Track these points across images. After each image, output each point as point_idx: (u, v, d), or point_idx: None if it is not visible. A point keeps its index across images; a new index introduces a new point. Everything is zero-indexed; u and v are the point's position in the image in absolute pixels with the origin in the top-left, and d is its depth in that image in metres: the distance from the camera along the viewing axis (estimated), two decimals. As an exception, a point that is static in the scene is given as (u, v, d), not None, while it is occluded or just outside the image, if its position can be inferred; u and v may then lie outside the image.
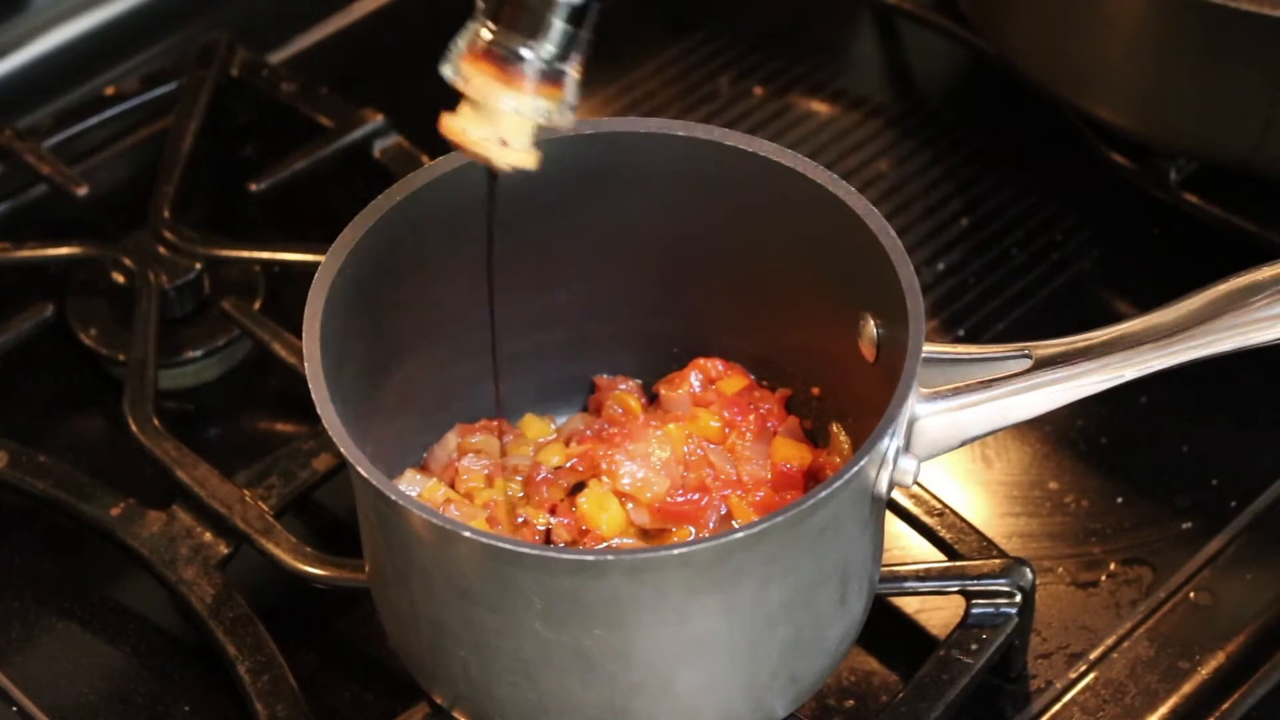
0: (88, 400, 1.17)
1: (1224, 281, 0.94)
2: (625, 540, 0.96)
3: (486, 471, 1.00)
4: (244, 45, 1.31)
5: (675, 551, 0.84)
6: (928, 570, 1.01)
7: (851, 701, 1.01)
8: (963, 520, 1.03)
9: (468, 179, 0.96)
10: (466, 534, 0.84)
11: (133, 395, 1.09)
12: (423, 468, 1.01)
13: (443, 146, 0.98)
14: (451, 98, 1.34)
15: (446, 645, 0.91)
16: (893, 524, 1.03)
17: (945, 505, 1.03)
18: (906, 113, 1.33)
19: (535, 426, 1.03)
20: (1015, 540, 1.08)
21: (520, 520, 0.97)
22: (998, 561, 1.00)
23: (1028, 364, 0.93)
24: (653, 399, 1.04)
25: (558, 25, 0.84)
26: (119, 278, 1.17)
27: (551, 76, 0.85)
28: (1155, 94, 1.18)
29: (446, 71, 0.86)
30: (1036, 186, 1.27)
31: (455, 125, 0.87)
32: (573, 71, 0.86)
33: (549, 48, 0.84)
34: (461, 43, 0.85)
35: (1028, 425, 1.10)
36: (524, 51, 0.84)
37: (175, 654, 1.04)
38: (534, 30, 0.84)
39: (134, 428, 1.07)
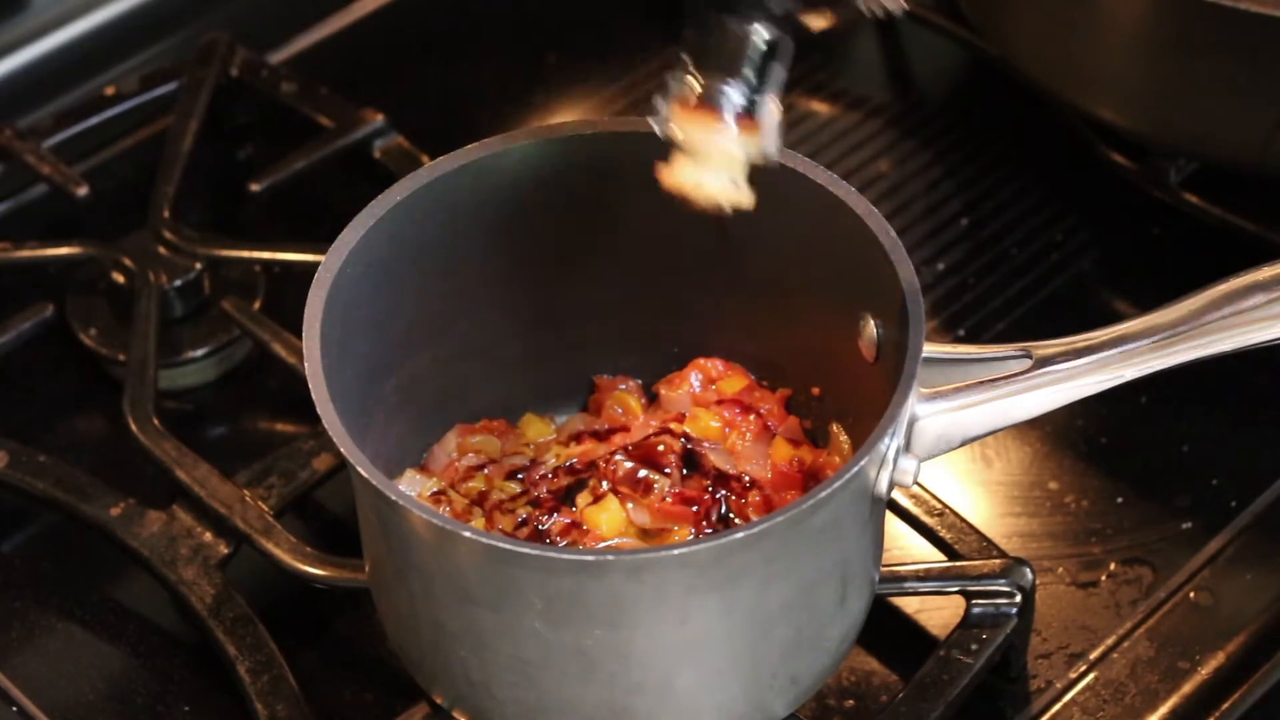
0: (88, 400, 1.17)
1: (1224, 281, 0.94)
2: (625, 540, 0.96)
3: (486, 471, 1.00)
4: (244, 45, 1.30)
5: (675, 551, 0.84)
6: (928, 570, 1.01)
7: (851, 701, 1.01)
8: (963, 520, 1.03)
9: (468, 179, 0.96)
10: (466, 534, 0.84)
11: (133, 395, 1.09)
12: (423, 468, 1.01)
13: (443, 146, 0.98)
14: (449, 96, 1.35)
15: (446, 645, 0.91)
16: (893, 524, 1.03)
17: (945, 505, 1.03)
18: (906, 113, 1.33)
19: (535, 426, 1.03)
20: (1015, 540, 1.08)
21: (520, 520, 0.97)
22: (998, 561, 1.00)
23: (1028, 364, 0.93)
24: (653, 399, 1.04)
25: (753, 61, 0.87)
26: (119, 278, 1.17)
27: (754, 111, 0.88)
28: (1159, 95, 1.18)
29: (660, 128, 0.88)
30: (1036, 186, 1.27)
31: (680, 177, 0.89)
32: (772, 104, 0.88)
33: (748, 84, 0.87)
34: (669, 98, 0.88)
35: (1028, 425, 1.10)
36: (728, 90, 0.87)
37: (175, 654, 1.04)
38: (734, 70, 0.87)
39: (134, 428, 1.07)
